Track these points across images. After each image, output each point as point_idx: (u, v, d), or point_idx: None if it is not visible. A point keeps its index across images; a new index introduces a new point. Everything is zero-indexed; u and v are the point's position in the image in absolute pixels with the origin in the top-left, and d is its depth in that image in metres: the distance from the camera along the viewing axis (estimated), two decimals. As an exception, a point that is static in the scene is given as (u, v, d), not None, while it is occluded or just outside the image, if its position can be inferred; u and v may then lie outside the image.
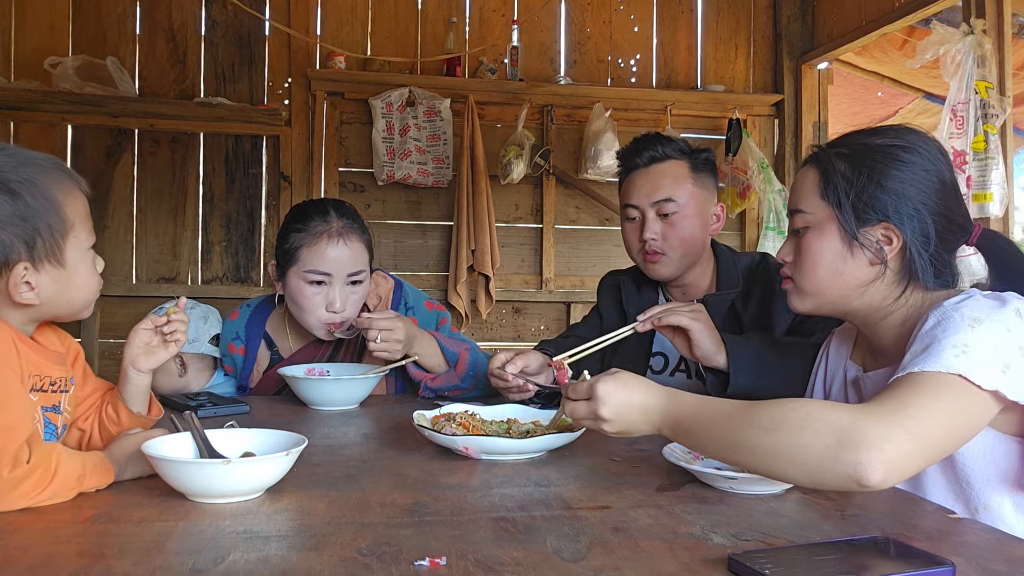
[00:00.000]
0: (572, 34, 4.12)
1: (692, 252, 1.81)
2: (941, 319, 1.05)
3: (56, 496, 0.97)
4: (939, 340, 1.01)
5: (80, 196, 1.13)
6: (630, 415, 1.08)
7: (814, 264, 1.23)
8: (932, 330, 1.04)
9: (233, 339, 1.96)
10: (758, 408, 0.97)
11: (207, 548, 0.83)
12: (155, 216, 3.78)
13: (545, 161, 3.95)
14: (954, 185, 1.20)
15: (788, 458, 0.92)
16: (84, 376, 1.26)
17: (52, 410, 1.13)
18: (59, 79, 3.46)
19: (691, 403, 1.05)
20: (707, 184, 1.84)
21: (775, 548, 0.83)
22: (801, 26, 4.16)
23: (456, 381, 1.79)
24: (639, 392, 1.08)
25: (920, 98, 4.46)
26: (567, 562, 0.80)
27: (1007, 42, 2.90)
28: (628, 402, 1.08)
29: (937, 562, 0.77)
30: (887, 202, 1.17)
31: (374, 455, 1.28)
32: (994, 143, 2.80)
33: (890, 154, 1.18)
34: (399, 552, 0.82)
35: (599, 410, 1.08)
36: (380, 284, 2.01)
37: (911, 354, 1.03)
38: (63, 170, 1.13)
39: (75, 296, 1.14)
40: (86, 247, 1.14)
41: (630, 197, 1.83)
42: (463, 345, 1.85)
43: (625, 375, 1.11)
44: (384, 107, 3.78)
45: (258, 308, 2.01)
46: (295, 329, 1.96)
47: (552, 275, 4.07)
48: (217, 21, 3.83)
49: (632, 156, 1.84)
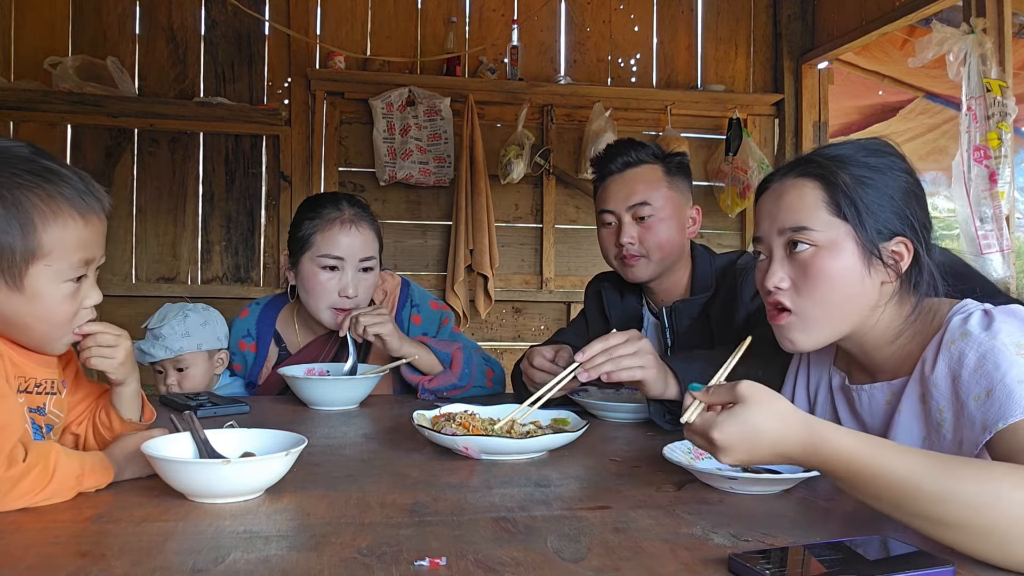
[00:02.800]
0: (572, 34, 4.12)
1: (669, 255, 1.82)
2: (985, 353, 1.00)
3: (55, 496, 0.97)
4: (1003, 380, 0.97)
5: (76, 226, 1.04)
6: (753, 450, 0.93)
7: (831, 288, 1.12)
8: (983, 368, 1.00)
9: (244, 336, 1.99)
10: (958, 478, 0.83)
11: (207, 548, 0.83)
12: (155, 216, 3.78)
13: (545, 161, 3.95)
14: (923, 190, 1.19)
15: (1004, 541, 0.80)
16: (77, 380, 1.24)
17: (37, 411, 1.12)
18: (59, 79, 3.46)
19: (855, 443, 0.88)
20: (682, 187, 1.85)
21: (775, 548, 0.83)
22: (801, 26, 4.16)
23: (454, 380, 1.80)
24: (769, 421, 0.92)
25: (921, 98, 4.46)
26: (567, 562, 0.80)
27: (1007, 42, 2.90)
28: (750, 439, 0.93)
29: (937, 562, 0.77)
30: (897, 214, 1.13)
31: (374, 455, 1.28)
32: (1008, 141, 2.79)
33: (890, 164, 1.16)
34: (399, 552, 0.82)
35: (716, 440, 0.94)
36: (386, 280, 2.04)
37: (976, 402, 0.99)
38: (71, 193, 1.04)
39: (33, 325, 1.06)
40: (64, 278, 1.05)
41: (606, 203, 1.84)
42: (454, 344, 1.86)
43: (748, 405, 0.93)
44: (384, 107, 3.78)
45: (268, 305, 2.04)
46: (304, 324, 1.99)
47: (552, 275, 4.07)
48: (217, 21, 3.83)
49: (606, 162, 1.85)
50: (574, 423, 1.36)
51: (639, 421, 1.58)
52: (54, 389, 1.15)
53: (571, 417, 1.39)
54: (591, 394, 1.71)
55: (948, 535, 0.82)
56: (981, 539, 0.80)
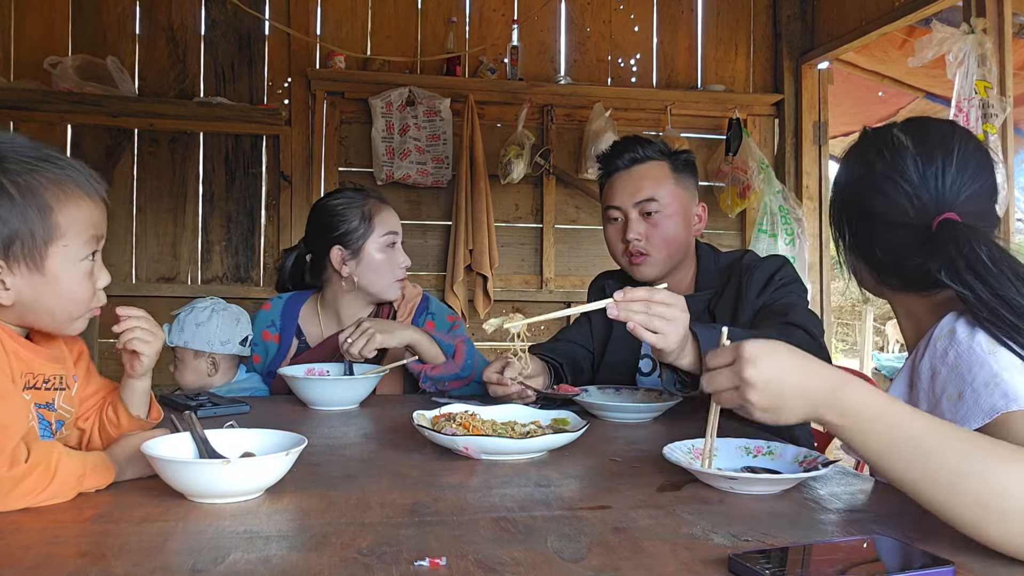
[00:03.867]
0: (572, 34, 4.12)
1: (676, 252, 1.82)
2: (961, 354, 1.02)
3: (56, 496, 0.97)
4: (972, 384, 0.99)
5: (87, 205, 1.09)
6: (783, 384, 0.92)
7: None
8: (958, 370, 1.01)
9: (268, 326, 2.04)
10: (973, 444, 0.84)
11: (207, 548, 0.83)
12: (155, 216, 3.78)
13: (545, 161, 3.95)
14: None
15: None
16: (88, 375, 1.26)
17: (46, 407, 1.12)
18: (59, 79, 3.46)
19: (875, 395, 0.89)
20: (688, 185, 1.85)
21: (775, 548, 0.83)
22: (801, 26, 4.16)
23: (456, 370, 1.81)
24: (797, 358, 0.93)
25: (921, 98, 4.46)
26: (567, 562, 0.80)
27: (1007, 41, 2.90)
28: (780, 368, 0.92)
29: (937, 562, 0.77)
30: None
31: (374, 455, 1.28)
32: (993, 143, 2.80)
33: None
34: (399, 552, 0.82)
35: (744, 372, 0.93)
36: (408, 288, 2.11)
37: (948, 402, 1.01)
38: (77, 175, 1.08)
39: (55, 306, 1.08)
40: (79, 258, 1.09)
41: (612, 199, 1.83)
42: (458, 337, 1.89)
43: (776, 348, 0.94)
44: (384, 107, 3.78)
45: (291, 299, 2.09)
46: (328, 317, 2.05)
47: (552, 275, 4.07)
48: (217, 21, 3.83)
49: (613, 159, 1.85)
50: (574, 423, 1.36)
51: (639, 421, 1.58)
52: (63, 385, 1.16)
53: (571, 417, 1.39)
54: (591, 394, 1.71)
55: (951, 503, 0.82)
56: (982, 510, 0.81)
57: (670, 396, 1.67)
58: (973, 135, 1.16)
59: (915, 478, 0.85)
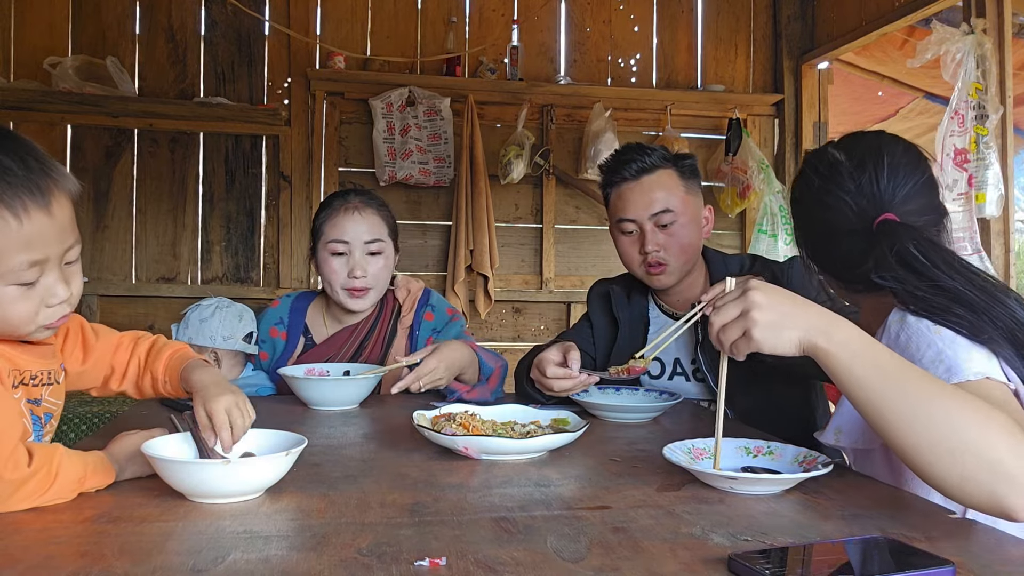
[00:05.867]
0: (572, 34, 4.12)
1: (692, 258, 1.83)
2: (911, 336, 1.10)
3: (57, 497, 0.97)
4: (920, 363, 1.05)
5: (10, 227, 0.92)
6: (783, 302, 1.01)
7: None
8: (908, 351, 1.08)
9: (276, 323, 2.06)
10: (952, 396, 0.93)
11: (207, 548, 0.83)
12: (155, 216, 3.78)
13: (545, 161, 3.95)
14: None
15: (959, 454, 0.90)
16: (85, 349, 1.24)
17: (34, 403, 1.12)
18: (59, 79, 3.47)
19: (863, 333, 1.00)
20: (695, 189, 1.86)
21: (775, 548, 0.83)
22: (801, 26, 4.16)
23: (487, 396, 1.78)
24: (799, 297, 1.03)
25: (920, 98, 4.46)
26: (567, 562, 0.80)
27: (1007, 42, 2.90)
28: (783, 294, 1.02)
29: (937, 562, 0.77)
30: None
31: (374, 455, 1.28)
32: (984, 144, 2.80)
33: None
34: (399, 552, 0.82)
35: (751, 295, 1.01)
36: (411, 283, 2.12)
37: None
38: (3, 189, 0.92)
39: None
40: (5, 283, 0.96)
41: (625, 212, 1.82)
42: (499, 361, 1.86)
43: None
44: (384, 107, 3.78)
45: (299, 298, 2.12)
46: (332, 316, 2.06)
47: (552, 275, 4.07)
48: (217, 21, 3.83)
49: (618, 169, 1.83)
50: (574, 423, 1.36)
51: (639, 421, 1.58)
52: (51, 380, 1.15)
53: (571, 417, 1.39)
54: (591, 394, 1.71)
55: (917, 437, 0.92)
56: (948, 454, 0.90)
57: (670, 396, 1.67)
58: (901, 139, 1.26)
59: (889, 407, 0.94)
